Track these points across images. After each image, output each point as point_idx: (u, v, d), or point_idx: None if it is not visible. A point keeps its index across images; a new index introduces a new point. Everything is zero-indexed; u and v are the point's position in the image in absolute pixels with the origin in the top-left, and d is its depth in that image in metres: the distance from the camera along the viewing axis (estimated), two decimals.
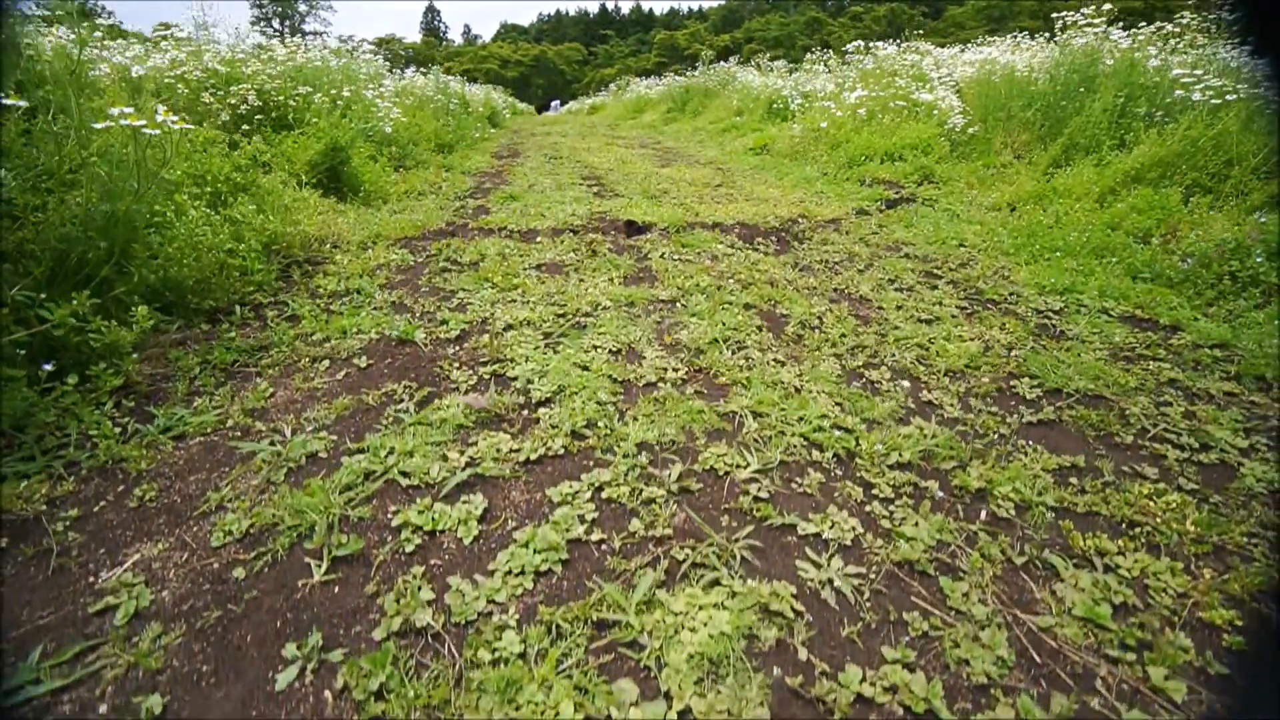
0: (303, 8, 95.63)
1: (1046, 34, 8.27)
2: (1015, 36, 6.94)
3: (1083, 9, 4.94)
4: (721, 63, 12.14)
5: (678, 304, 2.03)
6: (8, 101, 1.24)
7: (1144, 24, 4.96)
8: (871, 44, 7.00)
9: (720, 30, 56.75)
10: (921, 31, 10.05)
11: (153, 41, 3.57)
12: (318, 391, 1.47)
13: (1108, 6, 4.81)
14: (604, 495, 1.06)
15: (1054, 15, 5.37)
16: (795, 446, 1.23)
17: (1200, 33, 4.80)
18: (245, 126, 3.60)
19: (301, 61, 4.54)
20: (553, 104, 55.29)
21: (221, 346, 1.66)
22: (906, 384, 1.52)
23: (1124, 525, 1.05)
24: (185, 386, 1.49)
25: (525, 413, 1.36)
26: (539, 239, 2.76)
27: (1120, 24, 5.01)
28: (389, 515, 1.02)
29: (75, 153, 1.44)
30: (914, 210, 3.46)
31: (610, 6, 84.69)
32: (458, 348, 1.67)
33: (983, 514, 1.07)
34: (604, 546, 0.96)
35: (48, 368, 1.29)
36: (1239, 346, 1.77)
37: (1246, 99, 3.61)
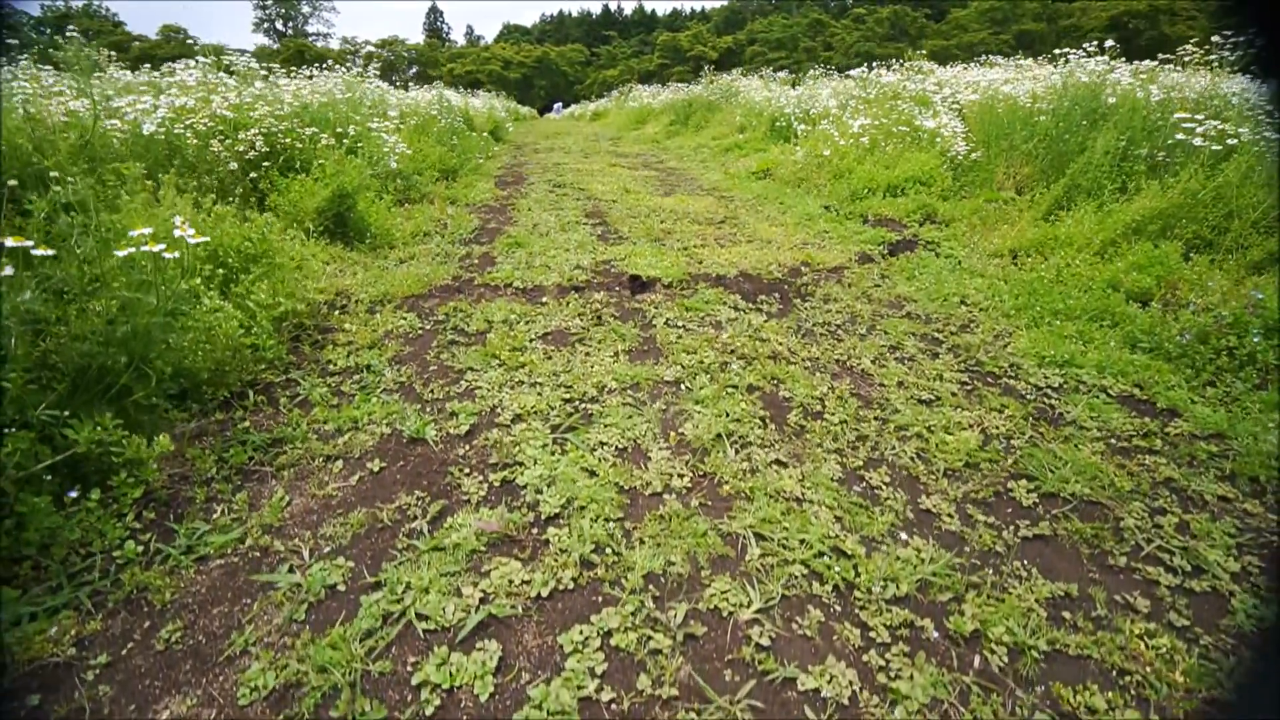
0: (306, 9, 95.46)
1: (1049, 56, 8.26)
2: (1018, 62, 6.95)
3: (1085, 44, 4.95)
4: (725, 75, 12.15)
5: (682, 385, 2.06)
6: (37, 252, 1.27)
7: (1147, 60, 4.98)
8: (875, 71, 7.00)
9: (723, 31, 56.64)
10: (924, 52, 10.03)
11: (158, 88, 3.61)
12: (332, 500, 1.51)
13: (1110, 44, 4.83)
14: (613, 643, 1.10)
15: (1058, 52, 5.38)
16: (796, 577, 1.27)
17: (1203, 65, 4.82)
18: (253, 174, 3.64)
19: (308, 99, 4.58)
20: (555, 106, 55.31)
21: (236, 443, 1.71)
22: (904, 495, 1.55)
23: (1115, 673, 1.09)
24: (204, 493, 1.53)
25: (535, 531, 1.40)
26: (544, 299, 2.80)
27: (1123, 58, 5.02)
28: (409, 668, 1.06)
29: (96, 265, 1.49)
30: (916, 258, 3.49)
31: (613, 7, 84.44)
32: (467, 447, 1.71)
33: (976, 662, 1.10)
34: (614, 708, 1.00)
35: (73, 495, 1.34)
36: (1235, 438, 1.80)
37: (1249, 142, 3.64)
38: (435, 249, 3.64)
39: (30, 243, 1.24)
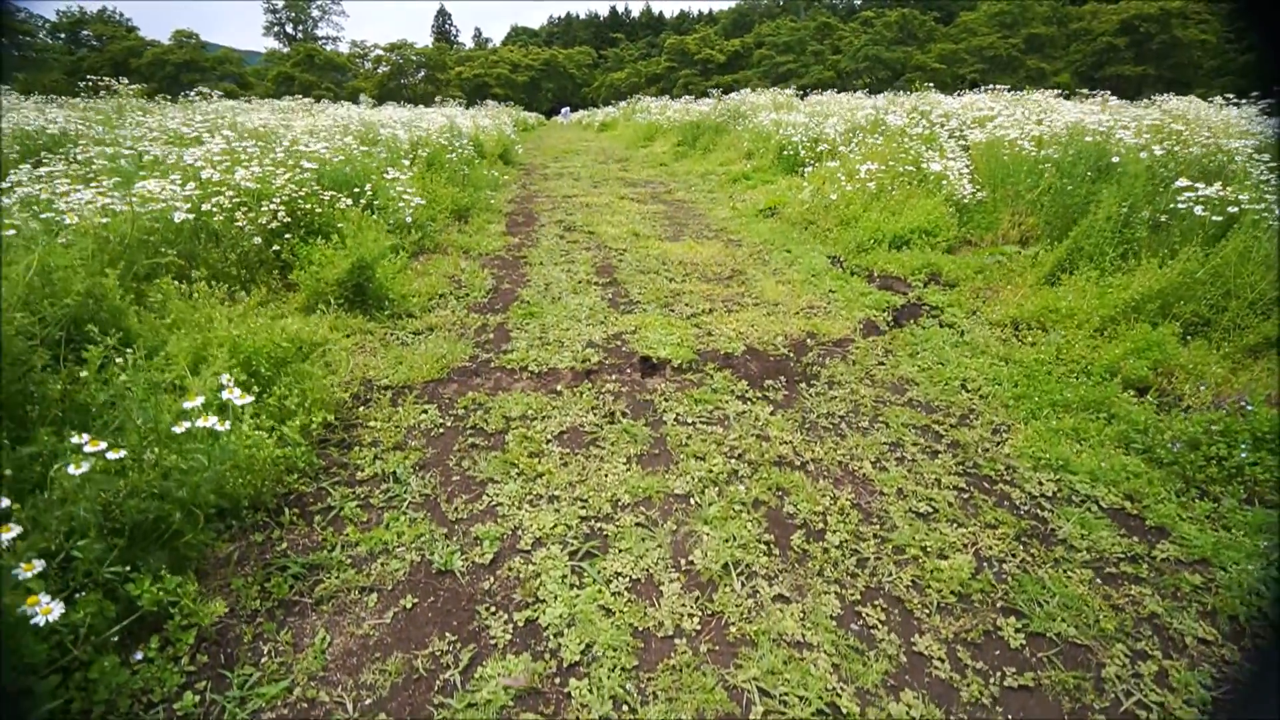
0: (315, 13, 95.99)
1: (1057, 88, 8.29)
2: (1022, 103, 7.00)
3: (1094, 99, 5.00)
4: (733, 96, 12.24)
5: (692, 500, 2.18)
6: (90, 448, 1.39)
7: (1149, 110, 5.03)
8: (882, 115, 7.07)
9: (730, 34, 56.54)
10: (932, 85, 10.10)
11: (188, 170, 3.75)
12: (370, 641, 1.64)
13: (1114, 101, 4.89)
14: None
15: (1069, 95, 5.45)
16: None
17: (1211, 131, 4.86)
18: (275, 246, 3.78)
19: (325, 154, 4.72)
20: (563, 111, 55.47)
21: (277, 569, 1.84)
22: (898, 638, 1.66)
23: None
24: (250, 631, 1.66)
25: (558, 682, 1.52)
26: (559, 387, 2.92)
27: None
28: None
29: (150, 433, 1.61)
30: (920, 330, 3.58)
31: (620, 9, 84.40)
32: (492, 579, 1.83)
33: None
34: None
35: (139, 657, 1.47)
36: (1219, 567, 1.89)
37: (1249, 211, 3.70)
38: (451, 317, 3.76)
39: (104, 445, 1.36)
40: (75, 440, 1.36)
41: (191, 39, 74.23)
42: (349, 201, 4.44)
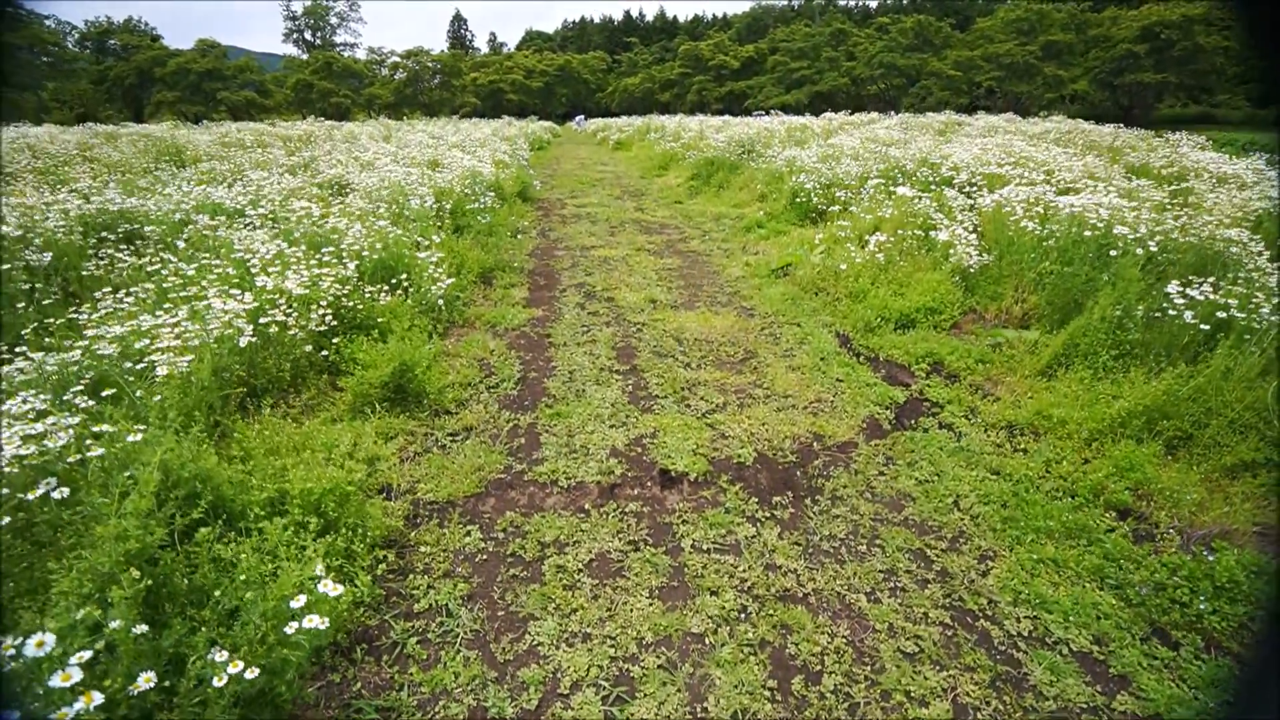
0: (334, 21, 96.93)
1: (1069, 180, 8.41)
2: (1029, 183, 7.19)
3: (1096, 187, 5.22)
4: (746, 125, 12.48)
5: (706, 640, 2.48)
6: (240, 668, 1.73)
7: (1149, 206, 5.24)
8: (891, 189, 7.30)
9: (744, 40, 56.54)
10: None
11: (244, 278, 4.11)
12: None
13: (1118, 199, 5.10)
14: None
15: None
16: None
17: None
18: (323, 351, 4.15)
19: (362, 245, 5.08)
20: (578, 118, 55.88)
21: (354, 714, 2.17)
22: None
23: None
24: None
25: None
26: (586, 505, 3.24)
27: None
28: None
29: (264, 628, 1.95)
30: (919, 436, 3.85)
31: (634, 12, 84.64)
32: None
33: None
34: None
35: None
36: None
37: (1237, 320, 3.92)
38: (484, 414, 4.10)
39: (242, 667, 1.70)
40: (218, 658, 1.69)
41: (214, 48, 75.73)
42: (387, 294, 4.80)
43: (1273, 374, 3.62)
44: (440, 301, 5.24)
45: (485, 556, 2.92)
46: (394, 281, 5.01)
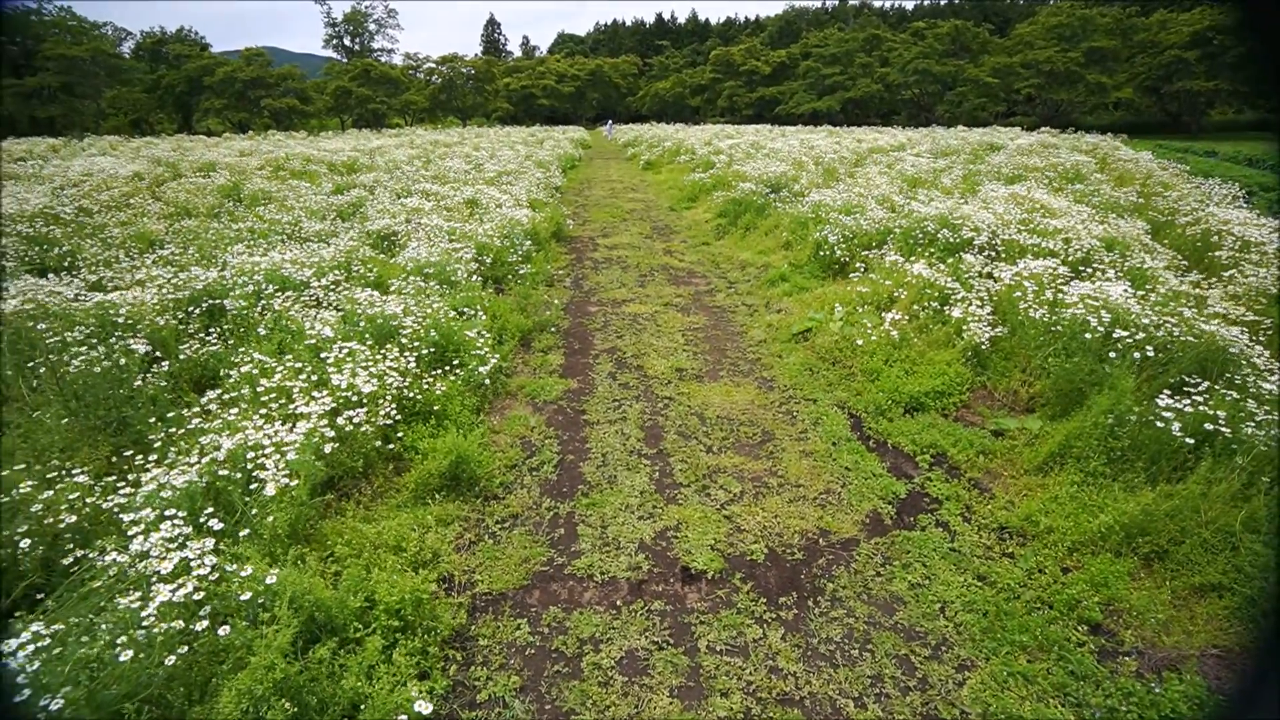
0: (372, 27, 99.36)
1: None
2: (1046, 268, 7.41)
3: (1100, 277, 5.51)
4: (775, 170, 12.82)
5: None
6: None
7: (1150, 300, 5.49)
8: (910, 260, 7.61)
9: (776, 44, 56.28)
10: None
11: (286, 407, 4.73)
12: None
13: (1126, 289, 5.38)
14: None
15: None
16: None
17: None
18: (390, 446, 4.76)
19: (421, 339, 5.70)
20: (608, 124, 56.51)
21: None
22: None
23: None
24: None
25: None
26: (618, 602, 3.76)
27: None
28: None
29: None
30: (916, 535, 4.27)
31: (666, 16, 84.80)
32: None
33: None
34: None
35: None
36: None
37: (1219, 437, 4.23)
38: (528, 499, 4.67)
39: None
40: None
41: (259, 56, 78.72)
42: (440, 375, 5.41)
43: (1252, 494, 3.91)
44: (487, 381, 5.82)
45: (533, 651, 3.47)
46: (446, 364, 5.61)
